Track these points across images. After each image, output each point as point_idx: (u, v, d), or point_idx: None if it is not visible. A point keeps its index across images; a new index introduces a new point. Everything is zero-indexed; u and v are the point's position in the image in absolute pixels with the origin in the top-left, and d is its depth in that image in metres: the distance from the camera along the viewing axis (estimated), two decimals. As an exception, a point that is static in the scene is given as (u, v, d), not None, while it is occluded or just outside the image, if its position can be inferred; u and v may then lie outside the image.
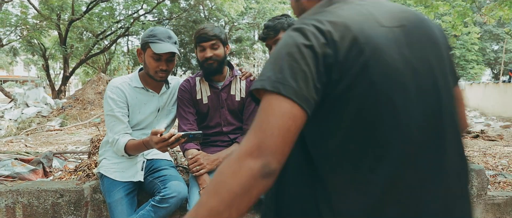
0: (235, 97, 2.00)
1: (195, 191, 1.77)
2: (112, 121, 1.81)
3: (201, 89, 1.99)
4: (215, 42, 1.86)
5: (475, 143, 5.67)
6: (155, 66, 1.81)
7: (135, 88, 1.90)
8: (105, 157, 1.89)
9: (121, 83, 1.88)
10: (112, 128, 1.80)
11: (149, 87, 1.93)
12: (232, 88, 2.00)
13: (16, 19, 16.32)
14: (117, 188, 1.76)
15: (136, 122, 1.90)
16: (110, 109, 1.81)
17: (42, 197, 1.91)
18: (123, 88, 1.86)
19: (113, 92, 1.83)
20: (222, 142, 2.02)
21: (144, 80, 1.93)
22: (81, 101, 12.35)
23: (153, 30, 1.82)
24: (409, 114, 0.73)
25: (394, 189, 0.73)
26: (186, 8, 22.50)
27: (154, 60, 1.80)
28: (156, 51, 1.76)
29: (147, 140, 1.62)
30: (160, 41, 1.78)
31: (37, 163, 2.40)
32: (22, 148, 5.90)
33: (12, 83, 34.09)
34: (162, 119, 1.98)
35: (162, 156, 1.97)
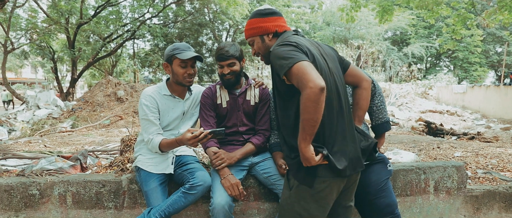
0: (250, 102, 2.39)
1: (217, 181, 2.14)
2: (147, 123, 2.19)
3: (221, 95, 2.37)
4: (232, 61, 2.26)
5: (470, 144, 5.93)
6: (183, 73, 2.21)
7: (164, 95, 2.29)
8: (140, 153, 2.26)
9: (153, 92, 2.27)
10: (147, 130, 2.18)
11: (175, 94, 2.32)
12: (248, 94, 2.39)
13: (26, 23, 16.74)
14: (152, 178, 2.13)
15: (166, 124, 2.27)
16: (145, 114, 2.19)
17: (88, 186, 2.28)
18: (155, 96, 2.25)
19: (146, 100, 2.22)
20: (237, 141, 2.38)
21: (171, 88, 2.32)
22: (90, 103, 12.64)
23: (175, 45, 2.24)
24: (327, 77, 1.62)
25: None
26: (191, 12, 22.85)
27: (181, 68, 2.20)
28: (183, 58, 2.16)
29: (180, 138, 2.01)
30: (183, 51, 2.20)
31: (75, 159, 2.77)
32: (43, 148, 6.26)
33: (20, 85, 34.66)
34: (187, 121, 2.37)
35: (188, 153, 2.34)
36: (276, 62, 1.60)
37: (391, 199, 2.00)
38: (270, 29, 1.81)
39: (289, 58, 1.54)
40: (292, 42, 1.62)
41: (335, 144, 1.62)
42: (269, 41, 1.82)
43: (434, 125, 8.34)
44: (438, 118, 13.98)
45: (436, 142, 5.94)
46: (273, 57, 1.63)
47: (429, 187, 2.56)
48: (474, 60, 27.37)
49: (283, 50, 1.59)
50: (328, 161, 1.59)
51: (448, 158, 4.55)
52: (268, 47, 1.81)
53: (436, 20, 10.86)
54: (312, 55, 1.63)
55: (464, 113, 15.49)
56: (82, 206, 2.28)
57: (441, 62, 32.03)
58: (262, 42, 1.83)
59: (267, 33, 1.82)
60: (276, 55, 1.60)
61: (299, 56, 1.54)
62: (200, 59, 2.24)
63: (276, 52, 1.61)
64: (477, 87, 16.81)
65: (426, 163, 2.63)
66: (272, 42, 1.81)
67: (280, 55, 1.58)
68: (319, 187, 1.63)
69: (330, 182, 1.64)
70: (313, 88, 1.45)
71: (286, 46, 1.60)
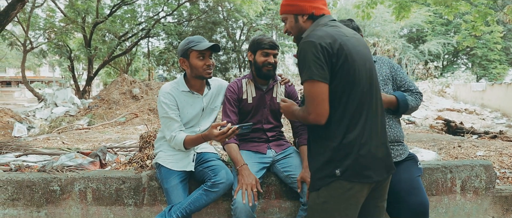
0: (276, 99, 2.34)
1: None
2: (168, 121, 2.15)
3: (247, 90, 2.32)
4: (277, 52, 2.24)
5: (493, 143, 5.76)
6: (202, 64, 2.14)
7: (182, 92, 2.23)
8: (161, 150, 2.23)
9: (171, 89, 2.22)
10: (169, 127, 2.14)
11: (193, 90, 2.26)
12: (274, 91, 2.34)
13: (45, 22, 17.06)
14: (173, 175, 2.10)
15: (185, 121, 2.23)
16: (165, 112, 2.15)
17: (108, 183, 2.27)
18: (173, 93, 2.20)
19: (165, 97, 2.17)
20: (259, 138, 2.33)
21: (189, 84, 2.26)
22: (106, 101, 12.81)
23: (189, 38, 2.17)
24: (361, 77, 1.56)
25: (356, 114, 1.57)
26: (205, 10, 22.88)
27: (199, 60, 2.14)
28: (200, 49, 2.10)
29: (206, 134, 1.96)
30: (199, 42, 2.14)
31: (94, 155, 2.77)
32: (61, 144, 6.35)
33: (38, 83, 35.41)
34: (207, 117, 2.32)
35: (209, 150, 2.30)
36: (299, 60, 1.56)
37: (424, 198, 1.91)
38: (306, 10, 1.68)
39: (308, 69, 1.51)
40: (322, 44, 1.51)
41: (364, 145, 1.55)
42: (303, 23, 1.70)
43: (453, 123, 8.15)
44: (456, 117, 13.66)
45: (457, 140, 5.78)
46: (299, 52, 1.57)
47: (455, 187, 2.47)
48: (494, 57, 26.66)
49: (308, 53, 1.51)
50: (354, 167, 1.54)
51: (470, 157, 4.42)
52: (300, 29, 1.71)
53: (454, 16, 10.57)
54: (345, 55, 1.53)
55: (483, 111, 15.11)
56: (102, 203, 2.27)
57: (458, 60, 31.32)
58: (296, 22, 1.71)
59: (302, 13, 1.68)
60: (302, 53, 1.55)
61: (317, 72, 1.49)
62: (217, 49, 2.16)
63: (303, 48, 1.54)
64: (497, 85, 16.36)
65: (453, 162, 2.54)
66: (306, 25, 1.70)
67: (304, 56, 1.53)
68: (347, 187, 1.57)
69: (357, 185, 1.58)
70: (312, 119, 1.54)
71: (313, 48, 1.51)
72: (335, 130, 1.54)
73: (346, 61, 1.52)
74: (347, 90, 1.53)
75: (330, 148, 1.56)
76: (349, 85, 1.53)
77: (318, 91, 1.49)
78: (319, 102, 1.50)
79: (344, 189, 1.56)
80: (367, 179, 1.55)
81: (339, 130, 1.54)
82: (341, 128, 1.54)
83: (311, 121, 1.55)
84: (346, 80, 1.53)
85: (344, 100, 1.53)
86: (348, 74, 1.53)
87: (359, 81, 1.55)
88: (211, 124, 1.97)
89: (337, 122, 1.54)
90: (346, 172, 1.53)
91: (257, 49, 2.24)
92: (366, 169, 1.55)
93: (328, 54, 1.50)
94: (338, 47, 1.52)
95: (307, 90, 1.52)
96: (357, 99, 1.55)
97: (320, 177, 1.61)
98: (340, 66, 1.52)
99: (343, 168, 1.53)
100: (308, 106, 1.53)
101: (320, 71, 1.49)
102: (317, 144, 1.64)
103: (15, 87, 38.79)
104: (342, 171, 1.53)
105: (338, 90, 1.53)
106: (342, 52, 1.53)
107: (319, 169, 1.61)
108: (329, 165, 1.56)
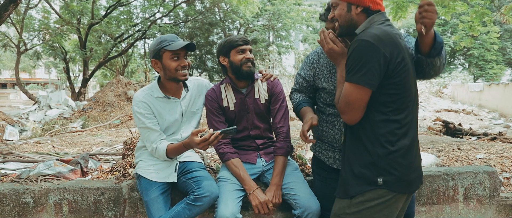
0: (259, 100, 2.12)
1: (223, 191, 1.93)
2: (146, 132, 1.98)
3: (227, 96, 2.11)
4: (251, 47, 2.06)
5: (492, 145, 5.64)
6: (176, 65, 1.94)
7: (157, 98, 2.03)
8: (141, 159, 2.07)
9: (144, 96, 2.01)
10: (148, 138, 1.97)
11: (170, 94, 2.05)
12: (256, 92, 2.12)
13: (39, 24, 16.90)
14: (153, 187, 1.94)
15: (164, 129, 2.04)
16: (141, 123, 1.97)
17: (85, 194, 2.11)
18: (147, 100, 2.00)
19: (139, 107, 1.98)
20: (248, 147, 2.15)
21: (164, 88, 2.06)
22: (101, 103, 12.66)
23: (160, 38, 1.97)
24: (412, 83, 1.51)
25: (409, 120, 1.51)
26: (202, 11, 22.76)
27: (173, 60, 1.94)
28: (174, 49, 1.90)
29: (188, 141, 1.80)
30: (172, 41, 1.93)
31: (75, 163, 2.61)
32: (50, 149, 6.19)
33: (34, 85, 35.16)
34: (188, 122, 2.12)
35: (193, 159, 2.13)
36: (352, 58, 1.44)
37: (411, 210, 1.84)
38: (364, 1, 1.54)
39: (359, 73, 1.42)
40: (385, 54, 1.41)
41: (412, 154, 1.52)
42: (355, 14, 1.56)
43: (452, 125, 8.02)
44: (454, 117, 13.58)
45: (456, 142, 5.66)
46: (355, 50, 1.43)
47: (458, 195, 2.33)
48: (491, 57, 26.68)
49: (367, 58, 1.40)
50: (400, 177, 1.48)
51: (470, 159, 4.30)
52: (350, 21, 1.57)
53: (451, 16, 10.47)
54: (404, 65, 1.46)
55: (481, 111, 15.04)
56: (79, 215, 2.11)
57: (455, 60, 31.32)
58: (348, 11, 1.57)
59: (357, 4, 1.54)
60: (358, 53, 1.42)
61: (367, 80, 1.41)
62: (192, 47, 1.96)
63: (362, 50, 1.42)
64: (495, 85, 16.30)
65: (455, 169, 2.40)
66: (358, 18, 1.56)
67: (360, 58, 1.41)
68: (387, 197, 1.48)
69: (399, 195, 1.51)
70: (345, 119, 1.50)
71: (375, 54, 1.40)
72: (385, 135, 1.47)
73: (404, 71, 1.45)
74: (401, 96, 1.47)
75: (375, 154, 1.47)
76: (403, 92, 1.47)
77: (359, 97, 1.44)
78: (356, 108, 1.45)
79: (384, 198, 1.47)
80: (408, 189, 1.50)
81: (390, 136, 1.47)
82: (392, 134, 1.47)
83: (342, 118, 1.52)
84: (402, 87, 1.46)
85: (397, 106, 1.47)
86: (403, 81, 1.46)
87: (410, 87, 1.50)
88: (192, 131, 1.81)
89: (388, 128, 1.47)
90: (390, 181, 1.46)
91: (230, 49, 2.04)
92: (409, 178, 1.49)
93: (384, 59, 1.41)
94: (399, 57, 1.44)
95: (348, 91, 1.45)
96: (409, 105, 1.50)
97: (356, 184, 1.50)
98: (397, 73, 1.44)
99: (388, 177, 1.46)
100: (342, 107, 1.48)
101: (371, 78, 1.41)
102: (357, 146, 1.53)
103: (10, 89, 38.52)
104: (385, 180, 1.45)
105: (392, 96, 1.46)
106: (402, 62, 1.45)
107: (357, 175, 1.50)
108: (370, 172, 1.47)
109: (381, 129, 1.46)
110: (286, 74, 20.95)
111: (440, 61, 1.58)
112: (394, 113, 1.46)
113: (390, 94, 1.45)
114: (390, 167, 1.45)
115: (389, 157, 1.45)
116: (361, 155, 1.50)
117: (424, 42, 1.52)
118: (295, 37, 28.71)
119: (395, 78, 1.44)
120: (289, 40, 25.39)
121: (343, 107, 1.47)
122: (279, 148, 2.08)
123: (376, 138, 1.47)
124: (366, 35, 1.43)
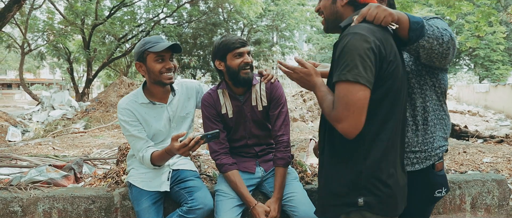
0: (257, 107, 1.97)
1: (221, 203, 1.84)
2: (132, 140, 1.90)
3: (225, 103, 1.97)
4: (250, 49, 1.90)
5: (499, 148, 5.51)
6: (160, 68, 1.84)
7: (142, 104, 1.93)
8: (133, 167, 1.99)
9: (128, 103, 1.92)
10: (135, 146, 1.89)
11: (155, 100, 1.96)
12: (253, 98, 1.98)
13: (43, 24, 16.97)
14: (144, 197, 1.86)
15: (152, 136, 1.95)
16: (126, 130, 1.89)
17: (76, 203, 2.04)
18: (131, 108, 1.91)
19: (123, 114, 1.90)
20: (246, 154, 2.05)
21: (149, 94, 1.96)
22: (104, 104, 12.63)
23: (144, 39, 1.87)
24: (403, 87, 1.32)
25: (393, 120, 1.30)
26: (206, 11, 22.74)
27: (158, 63, 1.84)
28: (158, 50, 1.80)
29: (169, 147, 1.70)
30: (156, 43, 1.84)
31: (69, 169, 2.54)
32: (50, 150, 6.15)
33: (38, 85, 35.34)
34: (178, 128, 2.01)
35: (187, 167, 2.03)
36: (340, 54, 1.23)
37: None
38: None
39: (352, 68, 1.19)
40: (376, 42, 1.22)
41: (396, 171, 1.31)
42: (340, 7, 1.40)
43: (458, 127, 7.88)
44: (459, 118, 13.43)
45: (462, 146, 5.54)
46: (343, 44, 1.24)
47: (465, 204, 2.23)
48: (496, 58, 26.40)
49: (357, 49, 1.20)
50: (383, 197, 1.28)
51: (477, 164, 4.20)
52: (335, 13, 1.42)
53: (457, 16, 10.32)
54: (397, 61, 1.27)
55: (486, 113, 14.87)
56: (69, 225, 2.04)
57: (461, 61, 31.05)
58: (332, 3, 1.42)
59: None
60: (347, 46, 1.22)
61: (364, 74, 1.18)
62: (178, 49, 1.86)
63: (350, 41, 1.22)
64: (501, 86, 16.10)
65: (461, 176, 2.30)
66: (344, 10, 1.40)
67: (349, 51, 1.21)
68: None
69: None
70: (341, 128, 1.22)
71: (365, 44, 1.20)
72: (368, 149, 1.26)
73: (396, 72, 1.25)
74: (391, 102, 1.26)
75: (355, 170, 1.27)
76: (393, 97, 1.26)
77: (359, 98, 1.18)
78: (357, 111, 1.19)
79: None
80: (393, 212, 1.30)
81: (374, 150, 1.26)
82: (376, 148, 1.26)
83: (339, 129, 1.22)
84: (392, 90, 1.26)
85: (385, 114, 1.26)
86: (394, 84, 1.26)
87: (401, 91, 1.29)
88: (171, 136, 1.70)
89: (372, 140, 1.26)
90: (372, 202, 1.26)
91: (226, 53, 1.86)
92: (395, 200, 1.29)
93: (380, 56, 1.22)
94: (391, 50, 1.25)
95: (343, 93, 1.20)
96: (398, 114, 1.29)
97: (336, 204, 1.32)
98: (390, 73, 1.24)
99: (369, 198, 1.26)
100: (340, 112, 1.20)
101: (368, 73, 1.19)
102: (336, 162, 1.33)
103: (16, 89, 38.77)
104: (366, 201, 1.26)
105: (380, 101, 1.25)
106: (395, 57, 1.26)
107: (336, 194, 1.32)
108: (350, 191, 1.28)
109: (366, 140, 1.26)
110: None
111: (430, 42, 1.35)
112: (380, 122, 1.26)
113: (378, 99, 1.24)
114: (372, 186, 1.26)
115: (370, 173, 1.26)
116: (340, 170, 1.31)
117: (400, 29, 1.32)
118: (299, 37, 28.61)
119: (386, 80, 1.24)
120: (293, 41, 25.29)
121: (341, 112, 1.20)
122: (280, 158, 1.95)
123: (358, 150, 1.27)
124: (357, 28, 1.25)
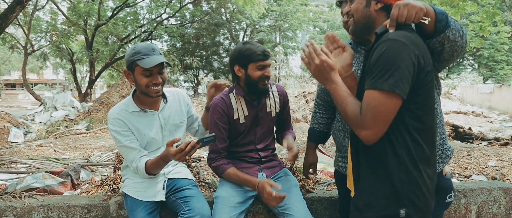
0: (270, 114, 2.01)
1: (218, 212, 1.78)
2: (125, 150, 1.84)
3: (237, 108, 1.95)
4: (271, 63, 1.89)
5: (505, 151, 5.43)
6: (146, 82, 1.78)
7: (133, 113, 1.88)
8: (127, 177, 1.94)
9: (118, 112, 1.86)
10: (128, 157, 1.84)
11: (146, 107, 1.91)
12: (268, 105, 2.00)
13: (46, 25, 17.01)
14: (140, 207, 1.81)
15: (145, 145, 1.90)
16: (118, 141, 1.84)
17: (71, 212, 2.00)
18: (122, 117, 1.85)
19: (113, 124, 1.84)
20: (250, 159, 2.01)
21: (140, 102, 1.90)
22: (106, 104, 12.64)
23: (136, 47, 1.79)
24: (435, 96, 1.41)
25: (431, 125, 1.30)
26: (208, 12, 22.73)
27: (145, 77, 1.78)
28: (145, 66, 1.73)
29: (164, 153, 1.65)
30: (146, 56, 1.75)
31: (65, 175, 2.50)
32: (51, 153, 6.12)
33: (42, 86, 35.47)
34: (171, 136, 1.96)
35: (183, 175, 1.99)
36: (381, 61, 1.20)
37: None
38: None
39: (393, 77, 1.17)
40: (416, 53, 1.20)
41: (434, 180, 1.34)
42: (374, 11, 1.37)
43: (462, 129, 7.80)
44: (463, 119, 13.31)
45: (466, 148, 5.46)
46: (386, 51, 1.20)
47: (470, 213, 2.17)
48: (501, 58, 26.23)
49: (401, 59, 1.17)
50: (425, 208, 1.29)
51: (481, 167, 4.13)
52: (368, 17, 1.38)
53: (461, 17, 10.22)
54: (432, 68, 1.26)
55: (491, 114, 14.72)
56: (64, 234, 2.00)
57: (464, 61, 30.87)
58: (366, 6, 1.37)
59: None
60: (391, 54, 1.19)
61: (402, 85, 1.17)
62: (168, 64, 1.82)
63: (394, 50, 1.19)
64: (506, 87, 15.95)
65: (467, 184, 2.24)
66: (377, 15, 1.37)
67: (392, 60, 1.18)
68: None
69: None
70: (364, 135, 1.21)
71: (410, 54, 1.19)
72: (411, 159, 1.24)
73: (431, 81, 1.25)
74: (429, 111, 1.27)
75: (397, 180, 1.24)
76: (430, 106, 1.27)
77: (390, 108, 1.18)
78: (384, 121, 1.19)
79: None
80: (428, 216, 1.30)
81: (417, 160, 1.24)
82: (419, 159, 1.25)
83: (360, 135, 1.22)
84: (426, 100, 1.26)
85: (421, 122, 1.25)
86: (429, 94, 1.26)
87: (433, 100, 1.30)
88: (167, 142, 1.65)
89: (414, 150, 1.24)
90: (412, 213, 1.24)
91: (249, 61, 1.84)
92: (431, 206, 1.30)
93: (419, 66, 1.20)
94: (429, 65, 1.24)
95: (376, 102, 1.19)
96: (433, 124, 1.30)
97: (373, 216, 1.29)
98: (427, 83, 1.23)
99: (413, 209, 1.24)
100: (368, 120, 1.19)
101: (405, 85, 1.18)
102: (373, 173, 1.30)
103: (19, 89, 38.92)
104: (408, 212, 1.23)
105: (417, 110, 1.24)
106: (431, 71, 1.25)
107: (373, 205, 1.28)
108: (390, 202, 1.25)
109: (406, 150, 1.24)
110: (293, 75, 20.80)
111: (454, 33, 1.33)
112: (417, 131, 1.25)
113: (415, 108, 1.23)
114: (416, 197, 1.24)
115: (415, 183, 1.24)
116: (379, 179, 1.28)
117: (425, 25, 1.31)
118: (301, 38, 28.50)
119: (421, 88, 1.23)
120: (295, 41, 25.20)
121: (368, 120, 1.19)
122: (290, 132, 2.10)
123: (399, 160, 1.24)
124: (396, 35, 1.21)
